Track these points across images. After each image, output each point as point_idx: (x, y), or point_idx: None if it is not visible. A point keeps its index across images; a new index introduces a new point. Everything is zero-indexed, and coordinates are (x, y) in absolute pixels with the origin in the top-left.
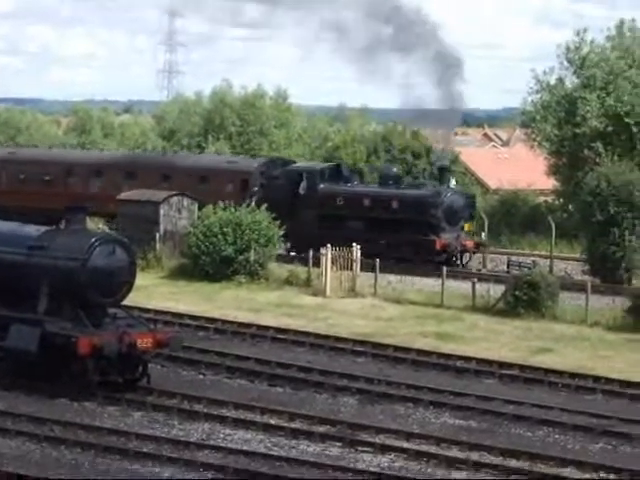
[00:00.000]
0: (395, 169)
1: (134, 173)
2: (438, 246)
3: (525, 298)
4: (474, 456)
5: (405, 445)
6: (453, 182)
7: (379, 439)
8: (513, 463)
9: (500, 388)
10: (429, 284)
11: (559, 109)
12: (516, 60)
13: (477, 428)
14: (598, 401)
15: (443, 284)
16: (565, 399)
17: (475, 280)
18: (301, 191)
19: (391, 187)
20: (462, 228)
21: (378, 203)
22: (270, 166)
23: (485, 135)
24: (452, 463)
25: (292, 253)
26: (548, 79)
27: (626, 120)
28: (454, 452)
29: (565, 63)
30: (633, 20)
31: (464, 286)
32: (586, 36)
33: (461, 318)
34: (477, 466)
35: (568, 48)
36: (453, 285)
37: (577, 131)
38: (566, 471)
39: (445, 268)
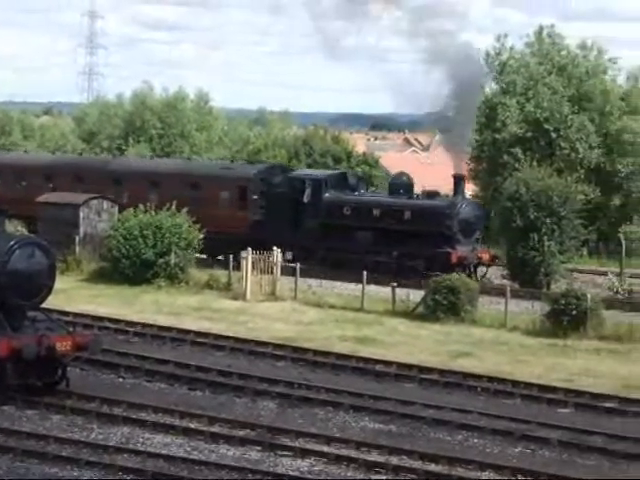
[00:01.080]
0: (405, 177)
1: (119, 180)
2: (454, 259)
3: (445, 302)
4: (394, 460)
5: (325, 449)
6: (469, 193)
7: (299, 443)
8: (432, 467)
9: (420, 392)
10: (349, 288)
11: (479, 114)
12: None
13: (397, 432)
14: (517, 405)
15: (363, 288)
16: (484, 403)
17: (395, 284)
18: (305, 199)
19: (402, 196)
20: (477, 240)
21: (389, 213)
22: (270, 173)
23: (406, 140)
24: (372, 467)
25: (297, 264)
26: None
27: (545, 126)
28: (374, 456)
29: (485, 69)
30: (552, 26)
31: (385, 290)
32: (506, 42)
33: (381, 322)
34: (397, 470)
35: (488, 54)
36: (373, 289)
37: (497, 136)
38: (485, 475)
39: (365, 273)
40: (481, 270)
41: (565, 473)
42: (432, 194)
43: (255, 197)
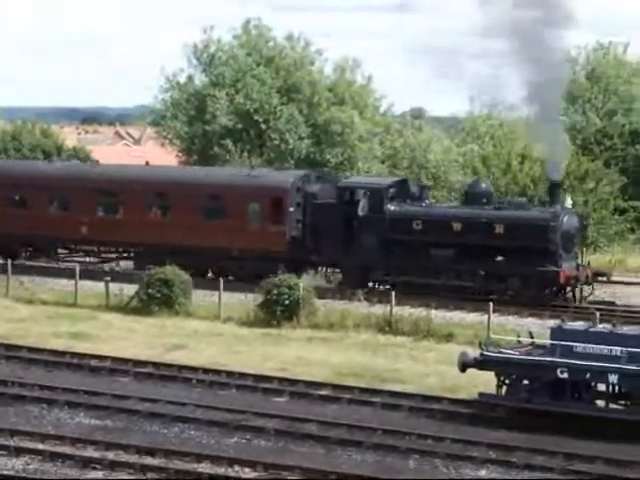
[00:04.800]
0: (484, 184)
1: (115, 193)
2: (562, 278)
3: (158, 296)
4: (110, 455)
5: (40, 447)
6: (569, 201)
7: (13, 441)
8: (149, 460)
9: (135, 386)
10: (61, 284)
11: (189, 107)
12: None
13: (113, 427)
14: (232, 395)
15: (77, 284)
16: (200, 395)
17: (109, 279)
18: (360, 212)
19: (485, 207)
20: (576, 255)
21: (474, 227)
22: (306, 180)
23: (117, 133)
24: (88, 463)
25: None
26: (178, 78)
27: (255, 117)
28: (90, 452)
29: (194, 61)
30: (259, 18)
31: (99, 285)
32: (213, 34)
33: (96, 317)
34: (113, 465)
35: (196, 46)
36: (87, 284)
37: (207, 128)
38: (201, 466)
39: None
40: (587, 289)
41: (281, 461)
42: (521, 204)
43: (291, 209)
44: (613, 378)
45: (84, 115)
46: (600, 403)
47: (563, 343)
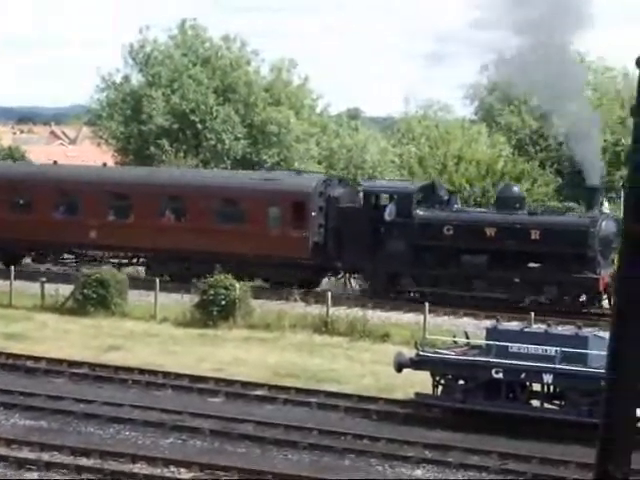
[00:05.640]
0: (516, 189)
1: (123, 195)
2: (601, 286)
3: (94, 296)
4: (45, 456)
5: None
6: (606, 205)
7: None
8: (84, 461)
9: (71, 387)
10: None
11: (125, 107)
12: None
13: (48, 428)
14: (168, 396)
15: (11, 284)
16: (136, 396)
17: (44, 279)
18: (387, 217)
19: (518, 212)
20: (613, 262)
21: (509, 233)
22: (328, 184)
23: (52, 133)
24: (23, 464)
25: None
26: (114, 78)
27: (191, 117)
28: (25, 453)
29: (130, 61)
30: (194, 19)
31: (35, 286)
32: (149, 34)
33: (31, 318)
34: (48, 466)
35: (132, 46)
36: (22, 285)
37: (143, 128)
38: (137, 467)
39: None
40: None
41: (217, 461)
42: (555, 209)
43: (314, 214)
44: (548, 378)
45: (19, 115)
46: (535, 403)
47: (498, 343)
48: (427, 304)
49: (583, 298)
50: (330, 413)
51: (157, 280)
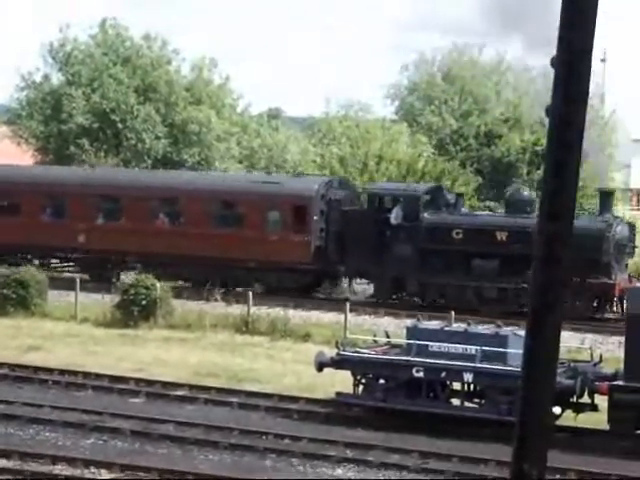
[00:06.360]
0: (527, 192)
1: (113, 198)
2: (617, 291)
3: (14, 296)
4: None
5: None
6: (620, 209)
7: None
8: (4, 463)
9: None
10: None
11: (45, 106)
12: None
13: None
14: (88, 397)
15: None
16: (56, 396)
17: None
18: (393, 221)
19: (532, 215)
20: (626, 266)
21: (521, 237)
22: (330, 187)
23: None
24: None
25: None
26: (34, 77)
27: (112, 117)
28: None
29: (50, 60)
30: (114, 18)
31: None
32: (69, 33)
33: None
34: None
35: (52, 45)
36: None
37: (63, 127)
38: (57, 468)
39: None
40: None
41: (138, 462)
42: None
43: (315, 218)
44: (468, 377)
45: None
46: (455, 402)
47: (419, 342)
48: (347, 303)
49: (596, 304)
50: (251, 413)
51: (77, 279)
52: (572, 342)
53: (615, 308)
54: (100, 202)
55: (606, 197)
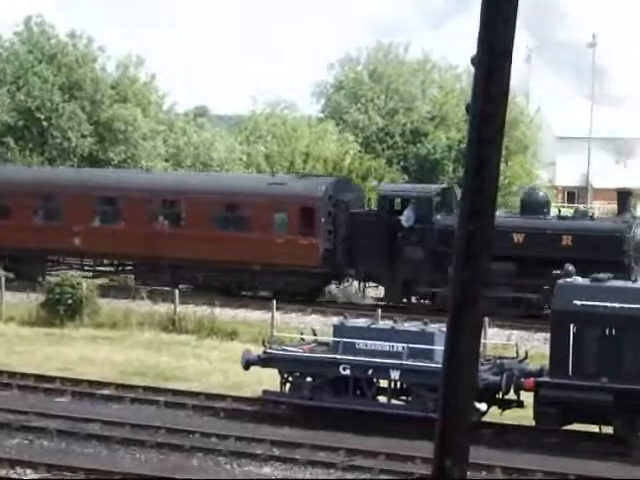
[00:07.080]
0: (542, 193)
1: (113, 199)
2: None
3: None
4: None
5: None
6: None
7: None
8: None
9: None
10: None
11: None
12: None
13: None
14: (14, 396)
15: None
16: None
17: None
18: (405, 223)
19: (545, 216)
20: None
21: (538, 238)
22: (338, 188)
23: None
24: None
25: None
26: None
27: (37, 115)
28: None
29: None
30: (40, 15)
31: None
32: None
33: None
34: None
35: None
36: None
37: None
38: None
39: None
40: None
41: (64, 462)
42: (584, 214)
43: (323, 220)
44: (395, 374)
45: None
46: (382, 399)
47: (345, 340)
48: (275, 301)
49: None
50: (178, 411)
51: (2, 278)
52: (498, 339)
53: None
54: (97, 204)
55: (626, 197)
